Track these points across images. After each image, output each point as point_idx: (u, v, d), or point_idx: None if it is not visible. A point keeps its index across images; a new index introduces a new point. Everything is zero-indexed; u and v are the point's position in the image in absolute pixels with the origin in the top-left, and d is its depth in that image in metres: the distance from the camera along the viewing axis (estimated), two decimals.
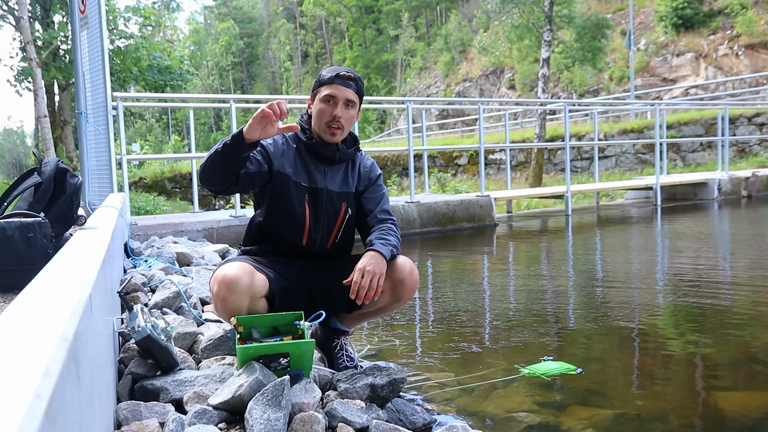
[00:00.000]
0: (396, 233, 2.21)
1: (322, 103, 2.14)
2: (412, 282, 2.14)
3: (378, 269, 1.99)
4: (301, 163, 2.19)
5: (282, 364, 1.81)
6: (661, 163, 11.10)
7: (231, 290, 1.94)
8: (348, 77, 2.14)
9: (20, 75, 15.22)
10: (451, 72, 33.97)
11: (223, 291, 1.94)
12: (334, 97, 2.12)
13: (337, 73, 2.14)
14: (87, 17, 5.38)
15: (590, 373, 2.47)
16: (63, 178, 2.82)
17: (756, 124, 15.46)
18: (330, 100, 2.12)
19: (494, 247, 6.75)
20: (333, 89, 2.12)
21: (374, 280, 1.97)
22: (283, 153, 2.17)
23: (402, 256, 2.16)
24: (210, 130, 48.48)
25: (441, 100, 25.36)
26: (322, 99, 2.14)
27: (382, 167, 16.79)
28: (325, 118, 2.13)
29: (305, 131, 2.20)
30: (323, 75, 2.17)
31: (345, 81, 2.13)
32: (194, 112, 7.70)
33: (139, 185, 13.54)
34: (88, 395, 1.09)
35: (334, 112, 2.12)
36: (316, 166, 2.19)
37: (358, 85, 2.18)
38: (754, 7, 23.11)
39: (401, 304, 2.22)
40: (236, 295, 1.94)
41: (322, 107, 2.14)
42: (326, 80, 2.14)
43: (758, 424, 2.08)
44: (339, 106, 2.12)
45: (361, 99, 2.22)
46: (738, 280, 4.45)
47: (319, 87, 2.16)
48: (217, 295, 1.96)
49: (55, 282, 1.33)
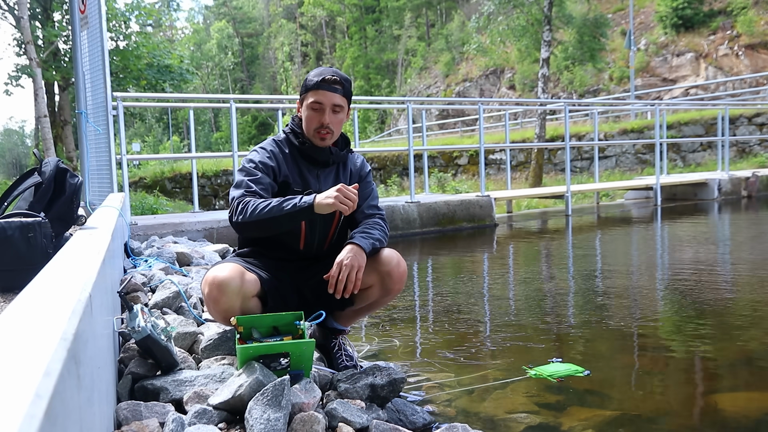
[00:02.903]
0: (383, 227, 2.20)
1: (309, 110, 2.12)
2: (399, 273, 2.12)
3: (356, 262, 1.98)
4: (295, 168, 2.18)
5: (282, 364, 1.81)
6: (661, 163, 11.10)
7: (222, 291, 1.94)
8: (334, 81, 2.10)
9: (17, 73, 15.17)
10: (451, 72, 33.96)
11: (214, 292, 1.95)
12: (321, 104, 2.10)
13: (323, 77, 2.10)
14: (87, 17, 5.38)
15: (591, 373, 2.47)
16: (63, 178, 2.82)
17: (756, 124, 15.45)
18: (317, 107, 2.10)
19: (494, 247, 6.74)
20: (319, 96, 2.10)
21: (352, 273, 1.96)
22: (282, 161, 2.16)
23: (388, 248, 2.15)
24: (210, 130, 48.48)
25: (441, 100, 25.36)
26: (309, 106, 2.12)
27: (382, 167, 16.79)
28: (313, 124, 2.12)
29: (297, 135, 2.19)
30: (309, 80, 2.13)
31: (331, 86, 2.09)
32: (194, 112, 7.70)
33: (139, 185, 13.53)
34: (88, 395, 1.09)
35: (321, 119, 2.10)
36: (309, 170, 2.19)
37: (345, 88, 2.14)
38: (754, 7, 23.09)
39: (392, 297, 2.20)
40: (227, 296, 1.94)
41: (310, 114, 2.12)
42: (312, 86, 2.11)
43: (758, 424, 2.08)
44: (326, 113, 2.10)
45: (350, 100, 2.20)
46: (738, 280, 4.45)
47: (306, 92, 2.13)
48: (209, 296, 1.97)
49: (55, 282, 1.33)
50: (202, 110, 40.47)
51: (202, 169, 13.66)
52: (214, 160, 14.44)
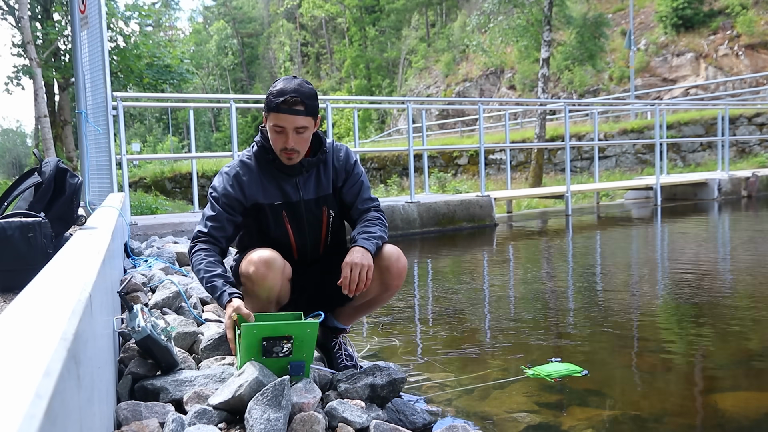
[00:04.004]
0: (381, 220, 2.19)
1: (272, 132, 2.04)
2: (398, 268, 2.11)
3: (365, 261, 1.99)
4: (268, 182, 2.12)
5: (285, 350, 1.81)
6: (661, 163, 11.09)
7: (269, 268, 1.99)
8: (294, 102, 1.97)
9: (17, 74, 15.16)
10: (451, 72, 33.94)
11: (262, 269, 1.98)
12: (283, 128, 2.00)
13: (284, 99, 1.97)
14: (87, 17, 5.38)
15: (591, 373, 2.47)
16: (63, 178, 2.82)
17: (756, 124, 15.44)
18: (279, 130, 2.01)
19: (494, 247, 6.75)
20: (280, 120, 1.99)
21: (363, 272, 1.97)
22: (248, 183, 2.11)
23: (389, 244, 2.14)
24: (210, 129, 48.47)
25: (441, 100, 25.34)
26: (272, 128, 2.03)
27: (382, 167, 16.77)
28: (278, 145, 2.04)
29: (267, 150, 2.11)
30: (270, 99, 2.00)
31: (291, 108, 1.98)
32: (194, 113, 7.70)
33: (139, 185, 13.53)
34: (88, 395, 1.09)
35: (285, 142, 2.02)
36: (286, 180, 2.13)
37: (308, 106, 2.00)
38: (754, 7, 23.09)
39: (392, 293, 2.20)
40: (274, 272, 2.00)
41: (273, 135, 2.04)
42: (273, 108, 1.99)
43: (758, 424, 2.08)
44: (290, 136, 2.01)
45: (316, 114, 2.08)
46: (738, 280, 4.45)
47: (268, 113, 2.02)
48: (256, 274, 1.99)
49: (55, 282, 1.33)
50: (202, 111, 40.45)
51: (202, 169, 13.65)
52: (214, 160, 14.44)
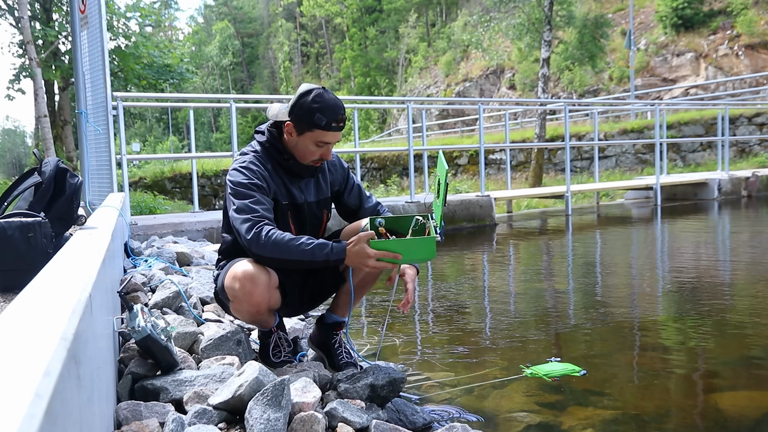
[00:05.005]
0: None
1: (312, 145, 2.10)
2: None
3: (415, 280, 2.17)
4: (279, 182, 2.18)
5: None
6: (661, 163, 11.09)
7: (255, 283, 2.00)
8: (343, 120, 2.09)
9: (17, 74, 15.15)
10: (452, 72, 33.93)
11: (248, 285, 1.99)
12: (329, 144, 2.11)
13: (336, 118, 2.06)
14: (87, 17, 5.38)
15: (590, 373, 2.47)
16: (63, 178, 2.82)
17: (756, 124, 15.45)
18: (323, 145, 2.11)
19: (494, 247, 6.75)
20: (328, 137, 2.08)
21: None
22: (269, 178, 2.14)
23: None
24: (210, 130, 48.46)
25: (441, 100, 25.34)
26: (314, 142, 2.09)
27: (382, 167, 16.79)
28: (313, 156, 2.13)
29: (281, 151, 2.16)
30: (320, 118, 2.04)
31: (340, 125, 2.09)
32: (194, 112, 7.70)
33: (139, 185, 13.52)
34: (88, 395, 1.09)
35: (323, 154, 2.13)
36: (291, 182, 2.20)
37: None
38: (754, 7, 23.09)
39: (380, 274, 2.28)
40: (260, 287, 2.00)
41: (312, 148, 2.11)
42: (323, 126, 2.05)
43: (758, 424, 2.08)
44: (330, 149, 2.14)
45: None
46: (738, 280, 4.45)
47: (312, 129, 2.07)
48: (242, 290, 2.00)
49: (55, 282, 1.33)
50: (202, 110, 40.44)
51: (202, 169, 13.65)
52: (213, 160, 14.44)
